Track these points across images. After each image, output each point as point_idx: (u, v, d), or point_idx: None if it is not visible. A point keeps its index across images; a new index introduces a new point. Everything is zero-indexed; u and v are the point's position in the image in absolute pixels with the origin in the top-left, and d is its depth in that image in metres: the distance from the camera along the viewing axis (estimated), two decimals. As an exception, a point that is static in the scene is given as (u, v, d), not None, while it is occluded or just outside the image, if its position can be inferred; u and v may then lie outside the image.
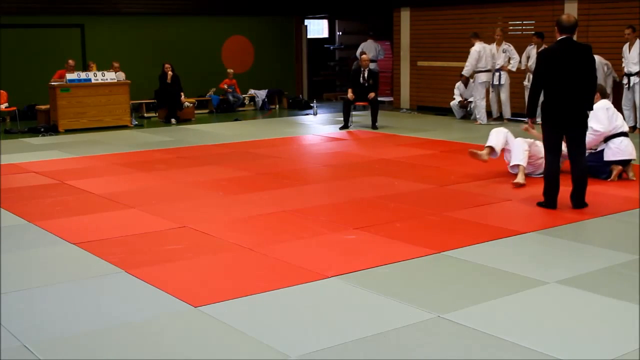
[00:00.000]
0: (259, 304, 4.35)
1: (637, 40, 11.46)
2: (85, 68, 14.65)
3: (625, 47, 11.62)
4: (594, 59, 6.54)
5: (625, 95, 11.76)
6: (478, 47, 13.12)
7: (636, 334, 3.83)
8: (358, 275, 4.82)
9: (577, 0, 13.00)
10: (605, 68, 12.02)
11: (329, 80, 20.50)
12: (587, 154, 6.81)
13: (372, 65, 18.01)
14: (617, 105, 11.94)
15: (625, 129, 7.89)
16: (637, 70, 11.50)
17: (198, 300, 4.38)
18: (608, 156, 7.77)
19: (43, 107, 13.80)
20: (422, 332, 3.91)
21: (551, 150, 6.52)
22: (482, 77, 13.18)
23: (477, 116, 13.35)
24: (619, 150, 7.75)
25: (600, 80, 11.97)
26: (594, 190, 7.34)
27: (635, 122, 11.74)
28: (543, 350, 3.63)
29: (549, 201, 6.57)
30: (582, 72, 6.36)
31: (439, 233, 5.89)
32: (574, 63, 6.33)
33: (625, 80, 11.72)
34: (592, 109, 6.60)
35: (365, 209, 6.71)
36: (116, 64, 14.26)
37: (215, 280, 4.83)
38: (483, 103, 13.25)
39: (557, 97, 6.34)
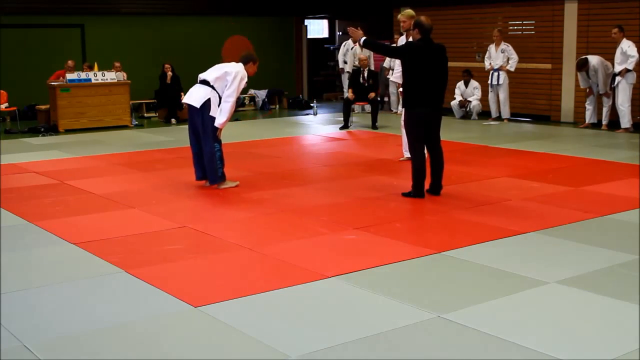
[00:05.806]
0: (259, 304, 4.35)
1: (622, 40, 11.48)
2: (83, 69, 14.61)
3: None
4: (447, 57, 7.11)
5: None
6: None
7: (636, 334, 3.83)
8: (358, 275, 4.82)
9: (577, 0, 13.00)
10: (606, 68, 12.00)
11: (329, 80, 20.47)
12: None
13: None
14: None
15: None
16: (619, 70, 11.52)
17: (198, 300, 4.38)
18: None
19: (43, 107, 13.79)
20: (422, 332, 3.91)
21: (420, 139, 7.06)
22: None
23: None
24: None
25: (601, 80, 12.02)
26: (594, 189, 7.34)
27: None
28: (543, 350, 3.63)
29: (420, 190, 7.02)
30: (440, 68, 7.01)
31: (439, 233, 5.89)
32: (434, 60, 6.96)
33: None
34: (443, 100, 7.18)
35: (365, 209, 6.71)
36: (117, 64, 14.24)
37: (215, 280, 4.83)
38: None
39: (423, 90, 6.91)
